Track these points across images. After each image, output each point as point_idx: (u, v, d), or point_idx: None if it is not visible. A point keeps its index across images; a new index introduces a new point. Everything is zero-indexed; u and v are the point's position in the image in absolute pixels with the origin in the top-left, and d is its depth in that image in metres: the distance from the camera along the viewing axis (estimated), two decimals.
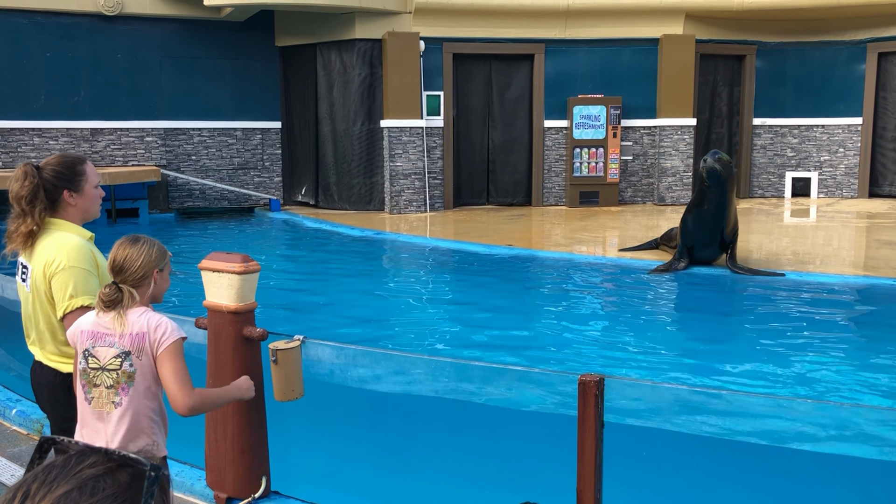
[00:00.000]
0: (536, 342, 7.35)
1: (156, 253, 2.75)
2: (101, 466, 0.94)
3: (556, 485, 3.30)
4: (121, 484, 0.93)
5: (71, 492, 0.91)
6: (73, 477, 0.92)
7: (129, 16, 15.44)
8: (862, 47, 16.71)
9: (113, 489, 0.92)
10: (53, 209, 2.95)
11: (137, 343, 2.65)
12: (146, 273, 2.71)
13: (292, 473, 4.10)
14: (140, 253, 2.70)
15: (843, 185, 17.26)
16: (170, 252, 2.88)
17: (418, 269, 11.02)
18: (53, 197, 2.93)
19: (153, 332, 2.66)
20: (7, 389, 5.56)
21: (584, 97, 16.12)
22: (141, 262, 2.70)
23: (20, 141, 15.23)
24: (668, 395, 3.25)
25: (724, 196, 9.34)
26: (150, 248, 2.73)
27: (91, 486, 0.92)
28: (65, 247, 2.88)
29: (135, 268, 2.69)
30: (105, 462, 0.95)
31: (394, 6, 15.44)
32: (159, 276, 2.77)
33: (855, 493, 4.32)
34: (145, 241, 2.75)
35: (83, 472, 0.93)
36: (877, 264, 9.96)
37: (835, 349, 6.89)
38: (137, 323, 2.67)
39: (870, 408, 3.03)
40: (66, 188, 2.94)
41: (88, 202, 3.01)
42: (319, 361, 3.72)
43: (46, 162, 2.97)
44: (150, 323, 2.67)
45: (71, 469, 0.93)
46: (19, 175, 2.90)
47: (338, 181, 16.33)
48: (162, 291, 2.84)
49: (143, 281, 2.72)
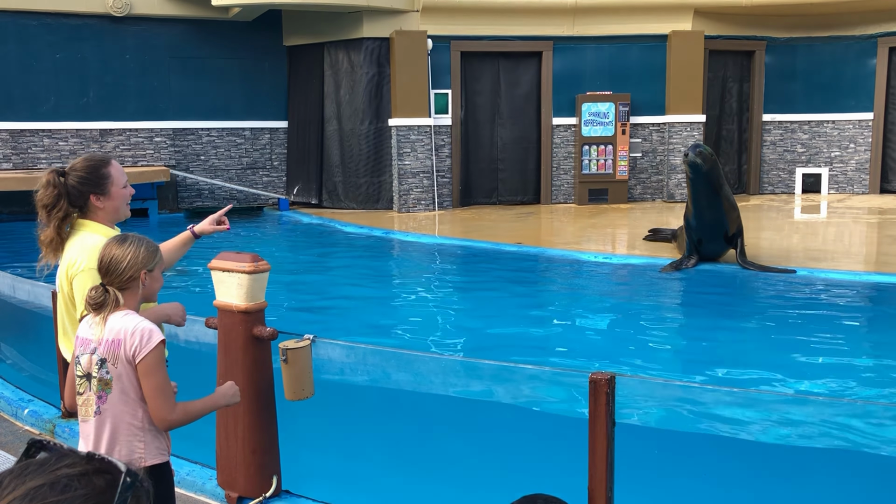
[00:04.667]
0: (546, 340, 7.33)
1: (143, 253, 2.63)
2: (78, 468, 0.94)
3: (568, 483, 3.29)
4: (95, 487, 0.93)
5: (42, 486, 0.91)
6: (49, 474, 0.93)
7: (137, 17, 15.49)
8: (873, 42, 16.59)
9: (85, 490, 0.92)
10: (83, 212, 2.99)
11: (112, 350, 2.55)
12: (133, 275, 2.61)
13: (303, 473, 4.10)
14: (125, 254, 2.60)
15: (854, 180, 17.15)
16: (161, 254, 2.77)
17: (428, 268, 11.01)
18: (80, 203, 2.98)
19: (129, 339, 2.54)
20: (19, 389, 5.58)
21: (592, 94, 16.07)
22: (127, 263, 2.60)
23: (30, 142, 15.31)
24: (679, 392, 3.23)
25: (711, 188, 9.36)
26: (136, 248, 2.62)
27: (64, 483, 0.92)
28: (86, 248, 2.91)
29: (120, 269, 2.59)
30: (84, 464, 0.95)
31: (401, 5, 15.43)
32: (148, 277, 2.66)
33: (867, 490, 4.29)
34: (132, 241, 2.65)
35: (60, 470, 0.93)
36: (889, 260, 9.89)
37: (847, 346, 6.84)
38: (114, 329, 2.56)
39: (885, 405, 3.00)
40: (92, 193, 2.97)
41: (116, 203, 3.04)
42: (330, 360, 3.71)
43: (72, 167, 3.00)
44: (127, 329, 2.55)
45: (48, 467, 0.94)
46: (44, 182, 2.94)
47: (344, 180, 16.34)
48: (154, 291, 2.73)
49: (130, 283, 2.62)
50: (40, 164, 15.35)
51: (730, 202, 9.55)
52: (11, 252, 11.62)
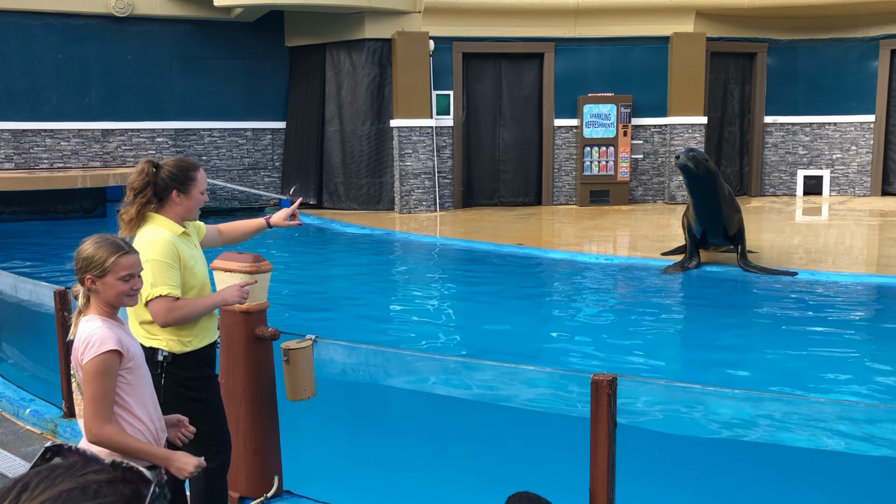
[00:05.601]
0: (548, 341, 7.34)
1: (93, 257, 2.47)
2: (105, 475, 0.94)
3: (569, 485, 3.29)
4: (122, 495, 0.93)
5: (73, 490, 0.91)
6: (78, 478, 0.92)
7: (139, 17, 15.51)
8: (874, 44, 16.59)
9: (114, 497, 0.92)
10: (160, 205, 3.21)
11: (75, 356, 2.50)
12: (80, 277, 2.50)
13: (304, 473, 4.10)
14: (79, 252, 2.51)
15: (856, 182, 17.15)
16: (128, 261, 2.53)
17: (429, 269, 11.02)
18: (163, 195, 3.20)
19: (80, 345, 2.47)
20: (21, 389, 5.59)
21: (594, 96, 16.08)
22: (79, 264, 2.50)
23: (32, 142, 15.32)
24: (681, 394, 3.23)
25: (706, 190, 9.39)
26: (91, 250, 2.49)
27: (94, 489, 0.92)
28: (150, 241, 3.11)
29: (75, 269, 2.52)
30: (111, 472, 0.95)
31: (403, 6, 15.44)
32: (98, 283, 2.48)
33: (867, 492, 4.29)
34: (94, 242, 2.52)
35: (88, 476, 0.93)
36: (890, 262, 9.89)
37: (848, 348, 6.84)
38: (78, 336, 2.49)
39: (887, 407, 3.00)
40: (175, 188, 3.21)
41: (192, 204, 3.28)
42: (331, 361, 3.72)
43: (165, 162, 3.26)
44: (80, 335, 2.48)
45: (76, 471, 0.94)
46: (138, 169, 3.19)
47: (345, 181, 16.35)
48: (109, 297, 2.51)
49: (87, 284, 2.51)
50: (42, 164, 15.36)
51: (730, 205, 9.56)
52: (11, 251, 11.63)
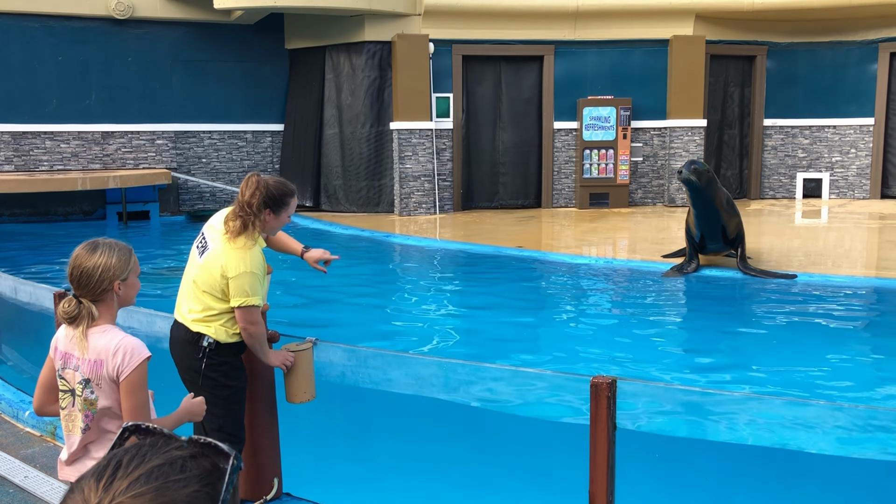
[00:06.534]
0: (547, 344, 7.34)
1: (115, 262, 2.49)
2: (187, 450, 1.01)
3: (569, 488, 3.29)
4: (204, 468, 1.00)
5: (162, 465, 0.97)
6: (165, 454, 0.99)
7: (139, 19, 15.52)
8: (874, 47, 16.61)
9: (199, 471, 0.99)
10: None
11: (95, 371, 2.47)
12: (105, 287, 2.48)
13: (304, 475, 4.10)
14: (96, 264, 2.47)
15: (855, 185, 17.15)
16: (135, 256, 2.62)
17: (428, 271, 11.02)
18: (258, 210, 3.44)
19: (111, 359, 2.45)
20: (20, 391, 5.58)
21: (593, 98, 16.09)
22: (98, 275, 2.46)
23: (32, 144, 15.33)
24: (681, 397, 3.23)
25: (708, 200, 9.47)
26: (108, 257, 2.48)
27: (181, 464, 0.99)
28: (249, 254, 3.40)
29: (92, 282, 2.47)
30: (192, 447, 1.02)
31: (403, 8, 15.45)
32: (123, 286, 2.52)
33: (867, 492, 4.29)
34: (103, 250, 2.50)
35: (172, 451, 1.00)
36: (890, 265, 9.89)
37: (848, 351, 6.84)
38: (96, 348, 2.47)
39: (886, 410, 3.00)
40: (269, 208, 3.45)
41: (277, 224, 3.56)
42: (331, 363, 3.72)
43: (268, 182, 3.47)
44: (108, 348, 2.46)
45: (161, 447, 1.01)
46: (253, 183, 3.43)
47: (344, 184, 16.34)
48: (130, 298, 2.60)
49: (104, 295, 2.49)
50: (42, 166, 15.37)
51: (728, 212, 9.62)
52: (11, 253, 11.64)
